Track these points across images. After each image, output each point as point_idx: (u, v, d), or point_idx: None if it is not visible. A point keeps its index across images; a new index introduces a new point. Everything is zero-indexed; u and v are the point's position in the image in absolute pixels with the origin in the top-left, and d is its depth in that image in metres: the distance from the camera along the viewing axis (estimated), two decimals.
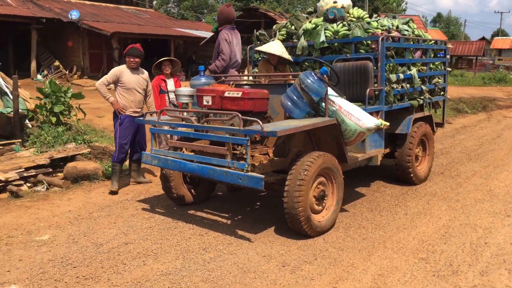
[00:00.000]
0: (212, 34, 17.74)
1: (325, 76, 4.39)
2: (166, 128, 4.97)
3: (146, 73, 6.02)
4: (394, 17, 6.15)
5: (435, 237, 4.36)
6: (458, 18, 73.90)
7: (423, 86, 6.07)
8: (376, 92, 5.25)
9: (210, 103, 4.53)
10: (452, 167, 7.26)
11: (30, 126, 7.94)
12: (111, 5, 23.34)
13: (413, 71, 5.82)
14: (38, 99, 8.02)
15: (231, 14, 5.78)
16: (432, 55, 6.49)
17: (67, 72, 18.92)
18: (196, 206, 5.27)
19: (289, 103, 4.38)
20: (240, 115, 3.96)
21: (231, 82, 4.89)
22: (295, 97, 4.34)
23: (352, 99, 5.13)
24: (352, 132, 4.46)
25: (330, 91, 4.50)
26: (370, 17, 6.03)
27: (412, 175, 6.05)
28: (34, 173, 6.19)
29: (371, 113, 5.09)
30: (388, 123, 5.10)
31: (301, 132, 4.70)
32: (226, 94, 4.41)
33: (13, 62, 19.86)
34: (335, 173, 4.49)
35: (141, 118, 5.31)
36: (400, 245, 4.18)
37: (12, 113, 7.51)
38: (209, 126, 4.32)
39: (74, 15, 17.98)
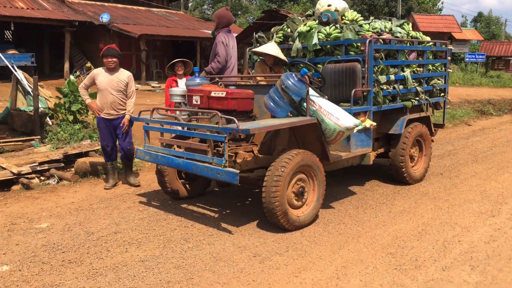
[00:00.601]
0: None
1: (306, 77, 4.58)
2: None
3: (126, 74, 6.00)
4: (390, 20, 6.25)
5: (410, 234, 4.48)
6: (500, 17, 71.44)
7: (418, 87, 6.14)
8: (364, 93, 5.39)
9: (198, 102, 4.80)
10: (454, 168, 7.28)
11: (50, 124, 8.45)
12: (143, 8, 24.05)
13: (407, 72, 5.91)
14: (57, 98, 8.54)
15: (231, 18, 6.03)
16: (431, 57, 6.55)
17: None
18: (190, 200, 5.55)
19: (271, 103, 4.59)
20: (219, 113, 4.22)
21: (219, 83, 5.15)
22: (276, 98, 4.55)
23: (342, 100, 5.32)
24: (332, 131, 4.63)
25: (312, 91, 4.69)
26: (367, 19, 6.17)
27: (405, 174, 6.13)
28: (47, 168, 6.63)
29: (358, 113, 5.28)
30: (375, 123, 5.29)
31: (285, 131, 4.92)
32: (212, 94, 4.67)
33: (48, 63, 20.86)
34: (315, 170, 4.67)
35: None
36: (373, 240, 4.32)
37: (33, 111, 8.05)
38: (192, 124, 4.60)
39: (104, 18, 18.71)
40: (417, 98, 6.19)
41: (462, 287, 3.44)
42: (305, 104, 4.62)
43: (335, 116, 4.59)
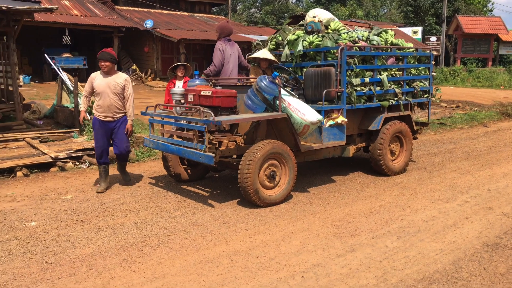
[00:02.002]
0: None
1: (277, 79, 5.50)
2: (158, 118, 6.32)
3: (123, 77, 6.10)
4: (371, 29, 7.02)
5: (363, 213, 5.29)
6: None
7: (396, 89, 6.87)
8: (338, 93, 6.21)
9: (192, 100, 5.83)
10: (440, 164, 7.89)
11: (88, 118, 9.76)
12: (186, 13, 25.58)
13: (383, 75, 6.66)
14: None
15: (231, 29, 7.02)
16: (412, 61, 7.24)
17: (142, 75, 21.27)
18: (191, 183, 6.59)
19: (249, 101, 5.54)
20: (201, 108, 5.23)
21: (210, 84, 6.16)
22: (252, 97, 5.50)
23: (320, 99, 6.16)
24: (299, 125, 5.52)
25: (283, 91, 5.60)
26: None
27: (383, 167, 6.88)
28: (80, 154, 7.88)
29: (332, 111, 6.13)
30: (346, 120, 6.13)
31: (263, 125, 5.87)
32: (202, 93, 5.67)
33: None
34: (286, 158, 5.57)
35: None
36: (327, 216, 5.17)
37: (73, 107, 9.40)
38: (181, 117, 5.64)
39: (148, 24, 20.25)
40: (395, 99, 6.91)
41: (380, 249, 4.25)
42: (277, 102, 5.54)
43: (302, 112, 5.48)
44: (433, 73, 7.60)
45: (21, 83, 18.29)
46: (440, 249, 4.25)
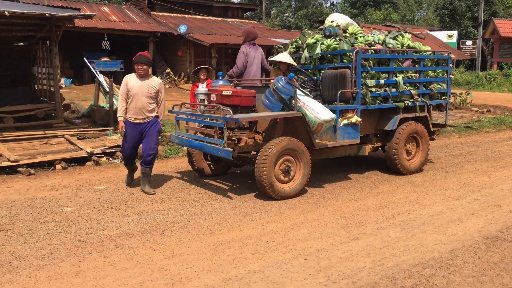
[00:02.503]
0: None
1: (294, 80, 5.86)
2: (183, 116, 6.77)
3: (157, 81, 6.13)
4: (389, 32, 7.28)
5: (372, 207, 5.58)
6: None
7: (412, 91, 7.10)
8: (353, 94, 6.52)
9: (215, 99, 6.27)
10: (458, 165, 8.04)
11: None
12: (219, 18, 26.25)
13: (399, 77, 6.91)
14: None
15: (256, 34, 7.44)
16: (430, 64, 7.45)
17: (176, 78, 22.01)
18: (214, 177, 7.02)
19: (266, 101, 5.93)
20: (221, 107, 5.66)
21: (232, 84, 6.58)
22: (269, 96, 5.88)
23: (335, 99, 6.48)
24: (313, 123, 5.87)
25: (299, 91, 5.96)
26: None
27: (399, 165, 7.11)
28: (114, 150, 8.45)
29: (346, 111, 6.44)
30: (360, 119, 6.43)
31: (281, 123, 6.23)
32: (223, 93, 6.11)
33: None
34: (300, 154, 5.93)
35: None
36: (337, 208, 5.49)
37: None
38: (203, 115, 6.08)
39: (182, 29, 20.96)
40: (411, 100, 7.14)
41: (382, 239, 4.54)
42: (293, 101, 5.91)
43: (316, 110, 5.83)
44: (451, 76, 7.77)
45: (63, 85, 19.30)
46: (440, 240, 4.51)
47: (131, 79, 6.06)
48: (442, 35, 36.17)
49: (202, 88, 6.84)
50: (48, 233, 4.66)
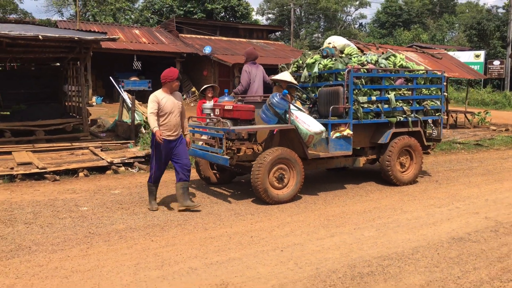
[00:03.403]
0: None
1: (288, 95, 6.49)
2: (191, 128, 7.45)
3: (180, 95, 6.24)
4: (383, 53, 7.83)
5: (357, 212, 6.08)
6: None
7: (404, 107, 7.60)
8: (346, 109, 7.07)
9: (218, 113, 6.94)
10: (454, 178, 8.41)
11: (143, 132, 11.22)
12: (244, 39, 27.24)
13: (391, 95, 7.43)
14: None
15: (256, 54, 8.14)
16: (423, 82, 7.93)
17: None
18: (219, 185, 7.66)
19: (263, 115, 6.57)
20: (221, 119, 6.33)
21: (235, 100, 7.25)
22: (266, 111, 6.52)
23: (329, 114, 7.04)
24: (305, 135, 6.46)
25: (292, 106, 6.58)
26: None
27: (392, 177, 7.58)
28: (132, 161, 9.23)
29: (339, 124, 7.00)
30: (351, 132, 6.97)
31: (277, 135, 6.84)
32: (225, 108, 6.78)
33: None
34: (293, 163, 6.50)
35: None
36: (324, 212, 6.02)
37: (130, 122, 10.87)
38: (206, 127, 6.76)
39: (207, 50, 21.96)
40: (404, 116, 7.63)
41: (355, 237, 5.05)
42: (287, 115, 6.52)
43: (307, 123, 6.43)
44: (444, 93, 8.22)
45: (94, 103, 20.54)
46: (408, 239, 4.98)
47: (162, 96, 5.97)
48: (469, 55, 36.16)
49: (209, 103, 7.54)
50: (64, 226, 5.38)
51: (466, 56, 36.01)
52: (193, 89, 23.12)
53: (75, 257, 4.40)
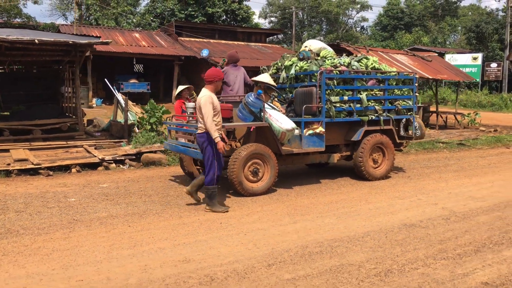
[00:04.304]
0: None
1: (262, 95, 6.98)
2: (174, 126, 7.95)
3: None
4: (355, 56, 8.31)
5: (324, 203, 6.54)
6: None
7: (376, 106, 8.06)
8: (319, 108, 7.54)
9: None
10: (426, 174, 8.84)
11: (137, 131, 11.73)
12: (243, 43, 27.75)
13: (363, 95, 7.89)
14: (142, 113, 11.83)
15: (237, 57, 8.65)
16: (395, 83, 8.39)
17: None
18: None
19: (239, 113, 7.06)
20: (199, 117, 6.81)
21: (220, 99, 7.75)
22: (242, 109, 7.01)
23: (305, 113, 7.51)
24: (278, 132, 6.94)
25: (266, 105, 7.07)
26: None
27: (364, 172, 8.03)
28: (123, 158, 9.74)
29: (312, 122, 7.47)
30: (323, 130, 7.45)
31: (254, 132, 7.32)
32: None
33: (162, 90, 25.28)
34: (267, 158, 6.98)
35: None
36: (293, 203, 6.49)
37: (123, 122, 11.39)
38: (186, 124, 7.25)
39: (204, 53, 22.34)
40: (376, 115, 8.09)
41: (316, 223, 5.51)
42: (262, 113, 7.01)
43: (279, 121, 6.92)
44: (416, 94, 8.68)
45: (94, 105, 21.10)
46: (364, 225, 5.45)
47: (214, 97, 6.07)
48: (466, 58, 36.62)
49: (191, 104, 8.04)
50: (51, 214, 5.89)
51: (464, 59, 36.47)
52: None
53: (57, 239, 4.90)
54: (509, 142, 14.09)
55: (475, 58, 36.10)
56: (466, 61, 36.72)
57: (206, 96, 5.96)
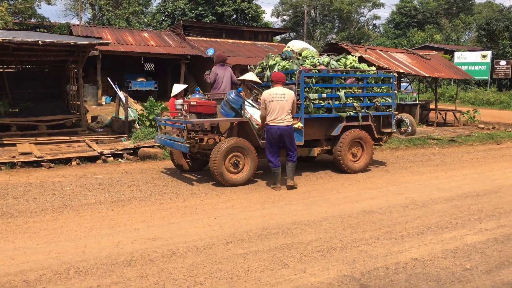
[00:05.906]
0: None
1: (242, 92, 7.51)
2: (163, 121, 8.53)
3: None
4: (334, 56, 8.79)
5: (297, 192, 7.04)
6: None
7: (355, 103, 8.53)
8: (298, 105, 8.04)
9: (186, 108, 8.00)
10: (406, 168, 9.27)
11: (137, 127, 12.36)
12: (249, 42, 28.30)
13: (341, 92, 8.36)
14: (142, 110, 12.45)
15: (225, 57, 9.22)
16: (374, 81, 8.84)
17: (206, 96, 24.07)
18: (191, 172, 8.71)
19: (222, 110, 7.60)
20: (184, 113, 7.38)
21: (205, 97, 8.30)
22: (224, 106, 7.55)
23: None
24: (254, 127, 7.46)
25: (246, 102, 7.60)
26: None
27: (343, 165, 8.51)
28: (122, 152, 10.36)
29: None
30: (302, 125, 7.94)
31: (235, 127, 7.86)
32: (191, 103, 7.83)
33: (169, 88, 25.93)
34: (247, 151, 7.51)
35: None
36: (269, 193, 7.00)
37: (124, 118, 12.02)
38: (174, 119, 7.82)
39: (209, 52, 22.93)
40: (354, 111, 8.56)
41: (284, 210, 6.02)
42: (241, 110, 7.54)
43: (256, 117, 7.43)
44: (395, 92, 9.11)
45: (103, 103, 21.87)
46: (325, 211, 5.94)
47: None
48: (476, 56, 36.63)
49: (180, 100, 8.61)
50: (46, 200, 6.51)
51: (473, 57, 36.49)
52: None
53: (46, 221, 5.51)
54: (501, 139, 14.38)
55: (484, 56, 36.05)
56: (475, 59, 36.72)
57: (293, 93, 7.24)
